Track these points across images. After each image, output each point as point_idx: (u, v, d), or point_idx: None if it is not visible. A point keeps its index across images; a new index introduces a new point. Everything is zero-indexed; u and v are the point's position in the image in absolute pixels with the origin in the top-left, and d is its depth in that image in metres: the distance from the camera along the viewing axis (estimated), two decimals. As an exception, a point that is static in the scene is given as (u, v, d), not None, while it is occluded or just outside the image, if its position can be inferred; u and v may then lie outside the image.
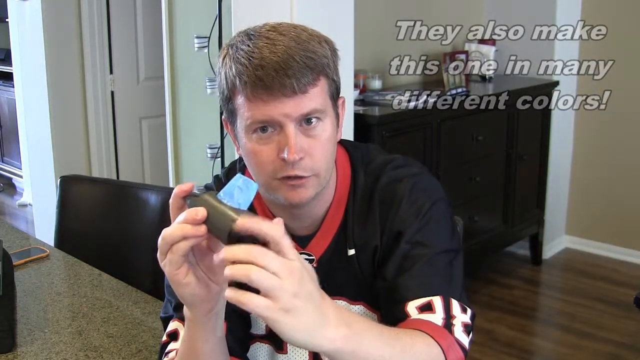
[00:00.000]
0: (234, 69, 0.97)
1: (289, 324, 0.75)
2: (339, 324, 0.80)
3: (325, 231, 1.10)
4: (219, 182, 1.17)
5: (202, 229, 0.81)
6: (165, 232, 0.83)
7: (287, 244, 0.76)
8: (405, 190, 1.07)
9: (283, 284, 0.74)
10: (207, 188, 1.17)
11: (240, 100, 0.98)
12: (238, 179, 0.82)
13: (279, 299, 0.74)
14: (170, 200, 0.87)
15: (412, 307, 0.99)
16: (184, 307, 0.92)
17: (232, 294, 0.74)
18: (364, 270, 1.09)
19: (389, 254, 1.06)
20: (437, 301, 0.99)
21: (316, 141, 1.00)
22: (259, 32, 0.98)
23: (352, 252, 1.09)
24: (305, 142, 0.98)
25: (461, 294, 1.04)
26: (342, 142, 1.13)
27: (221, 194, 0.82)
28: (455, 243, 1.08)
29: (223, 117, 1.06)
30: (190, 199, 0.85)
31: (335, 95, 1.03)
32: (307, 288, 0.76)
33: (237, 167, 1.16)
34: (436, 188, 1.11)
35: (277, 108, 0.95)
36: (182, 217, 0.82)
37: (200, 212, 0.81)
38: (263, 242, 0.76)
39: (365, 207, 1.09)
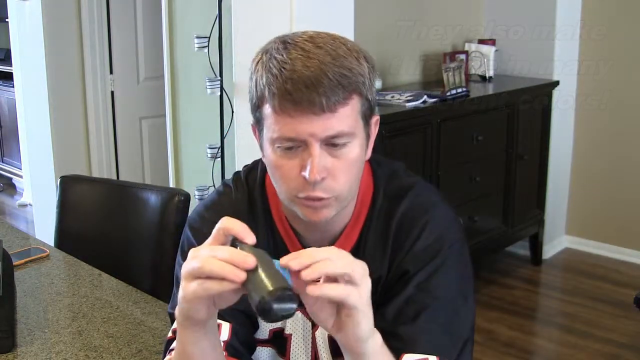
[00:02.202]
0: (264, 78, 0.94)
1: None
2: None
3: (340, 248, 1.09)
4: (238, 181, 1.14)
5: (242, 276, 0.79)
6: (207, 261, 0.80)
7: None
8: (422, 225, 1.04)
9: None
10: (225, 185, 1.15)
11: (267, 110, 0.95)
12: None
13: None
14: (215, 232, 0.85)
15: (407, 359, 0.98)
16: (177, 309, 0.91)
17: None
18: None
19: (393, 292, 1.03)
20: None
21: (341, 162, 0.96)
22: (295, 41, 0.95)
23: None
24: (329, 162, 0.95)
25: (463, 348, 1.02)
26: (369, 157, 1.09)
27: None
28: (466, 286, 1.05)
29: (251, 122, 1.03)
30: (240, 243, 0.83)
31: (367, 114, 0.99)
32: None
33: (259, 168, 1.14)
34: (454, 225, 1.07)
35: (303, 125, 0.92)
36: (228, 252, 0.80)
37: (251, 260, 0.79)
38: None
39: (378, 233, 1.06)
